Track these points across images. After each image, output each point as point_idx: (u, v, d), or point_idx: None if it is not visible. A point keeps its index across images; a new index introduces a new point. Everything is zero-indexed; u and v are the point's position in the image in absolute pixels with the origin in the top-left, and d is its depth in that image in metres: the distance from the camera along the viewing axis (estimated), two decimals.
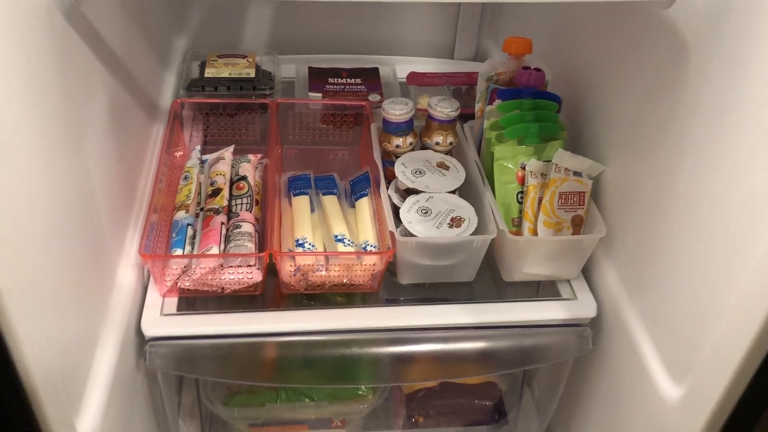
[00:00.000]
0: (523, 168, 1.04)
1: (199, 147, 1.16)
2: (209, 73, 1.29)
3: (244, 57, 1.34)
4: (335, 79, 1.38)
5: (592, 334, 1.00)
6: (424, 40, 1.53)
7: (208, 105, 1.24)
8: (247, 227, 1.01)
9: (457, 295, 1.03)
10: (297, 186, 1.10)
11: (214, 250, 0.97)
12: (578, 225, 1.03)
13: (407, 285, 1.03)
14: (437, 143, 1.11)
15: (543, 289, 1.05)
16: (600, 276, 1.03)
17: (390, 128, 1.10)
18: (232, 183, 1.10)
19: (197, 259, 0.96)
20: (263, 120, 1.24)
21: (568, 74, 1.13)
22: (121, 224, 0.98)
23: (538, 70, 1.10)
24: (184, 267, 0.96)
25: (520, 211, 1.04)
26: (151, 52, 1.23)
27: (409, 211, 1.00)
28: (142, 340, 0.94)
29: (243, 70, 1.30)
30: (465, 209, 1.01)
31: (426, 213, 1.00)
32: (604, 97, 1.03)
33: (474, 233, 0.98)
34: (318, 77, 1.38)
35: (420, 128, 1.14)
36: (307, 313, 0.98)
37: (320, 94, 1.33)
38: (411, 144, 1.11)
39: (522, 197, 1.04)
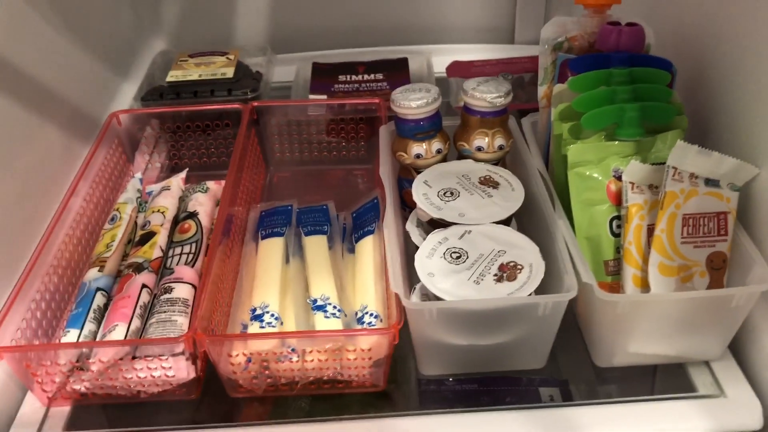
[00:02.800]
0: (619, 177, 0.63)
1: (140, 174, 0.81)
2: (173, 76, 0.95)
3: (223, 54, 1.00)
4: (348, 77, 1.01)
5: None
6: (472, 22, 1.15)
7: (170, 120, 0.90)
8: (182, 291, 0.65)
9: (521, 394, 0.62)
10: (270, 224, 0.73)
11: (118, 331, 0.61)
12: (719, 269, 0.61)
13: (435, 378, 0.64)
14: (479, 149, 0.72)
15: (664, 379, 0.63)
16: (764, 352, 0.60)
17: (406, 130, 0.72)
18: (176, 223, 0.75)
19: (91, 351, 0.60)
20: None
21: (682, 32, 0.73)
22: None
23: (632, 25, 0.70)
24: (77, 360, 0.61)
25: (618, 249, 0.63)
26: (94, 57, 0.90)
27: (430, 255, 0.62)
28: None
29: (218, 70, 0.96)
30: (523, 250, 0.62)
31: (458, 258, 0.61)
32: (756, 57, 0.62)
33: (539, 291, 0.58)
34: (324, 76, 1.02)
35: (453, 130, 0.75)
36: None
37: (324, 96, 0.97)
38: (439, 152, 0.73)
39: (620, 226, 0.63)
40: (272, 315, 0.62)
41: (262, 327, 0.61)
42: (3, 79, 0.68)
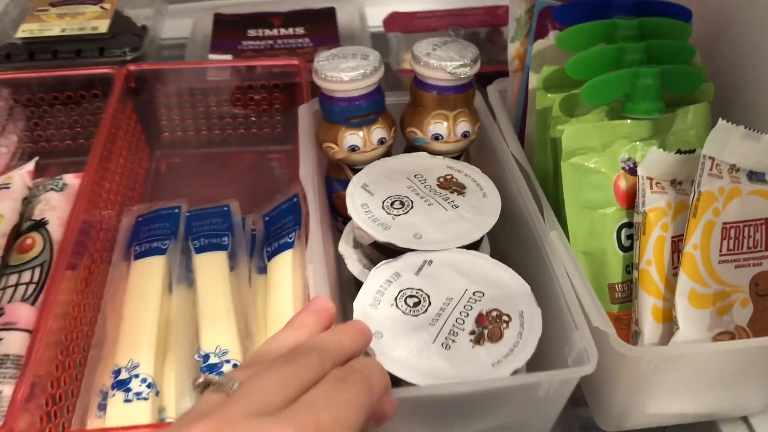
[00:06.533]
0: (630, 170, 0.46)
1: None
2: (26, 31, 0.73)
3: (97, 3, 0.77)
4: (260, 31, 0.81)
5: None
6: None
7: (24, 89, 0.68)
8: (15, 343, 0.45)
9: None
10: (148, 236, 0.53)
11: None
12: (766, 295, 0.45)
13: None
14: (437, 137, 0.53)
15: None
16: None
17: (335, 112, 0.52)
18: (17, 237, 0.54)
19: None
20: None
21: None
22: None
23: None
24: None
25: (628, 269, 0.46)
26: None
27: (375, 304, 0.42)
28: None
29: (88, 23, 0.74)
30: (507, 289, 0.43)
31: (417, 305, 0.42)
32: None
33: (534, 362, 0.40)
34: (229, 31, 0.81)
35: (401, 112, 0.56)
36: None
37: (229, 56, 0.76)
38: (382, 142, 0.53)
39: (630, 236, 0.46)
40: (143, 380, 0.43)
41: (128, 400, 0.42)
42: None
